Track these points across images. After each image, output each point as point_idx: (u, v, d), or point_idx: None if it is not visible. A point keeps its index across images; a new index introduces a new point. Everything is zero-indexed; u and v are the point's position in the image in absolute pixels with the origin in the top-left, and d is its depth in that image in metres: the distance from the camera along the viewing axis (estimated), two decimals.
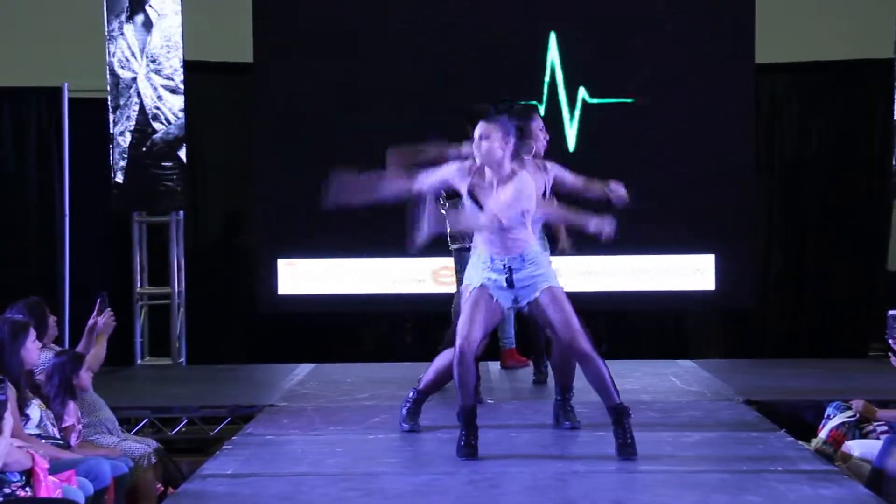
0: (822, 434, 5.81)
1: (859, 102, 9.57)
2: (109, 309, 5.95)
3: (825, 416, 5.95)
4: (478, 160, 5.28)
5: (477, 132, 5.26)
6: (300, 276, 9.14)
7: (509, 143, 5.26)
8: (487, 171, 5.29)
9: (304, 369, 8.32)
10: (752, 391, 7.07)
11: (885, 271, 9.51)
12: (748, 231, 9.09)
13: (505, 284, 5.28)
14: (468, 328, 5.25)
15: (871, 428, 5.71)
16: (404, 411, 5.93)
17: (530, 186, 5.27)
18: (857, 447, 5.52)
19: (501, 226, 5.20)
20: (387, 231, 8.87)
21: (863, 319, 9.44)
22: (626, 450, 5.20)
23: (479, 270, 5.34)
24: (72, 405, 5.45)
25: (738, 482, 4.78)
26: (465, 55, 8.88)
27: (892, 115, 8.80)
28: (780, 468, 5.02)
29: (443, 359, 5.80)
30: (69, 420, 5.39)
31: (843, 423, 5.76)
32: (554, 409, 5.97)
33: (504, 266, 5.27)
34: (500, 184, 5.25)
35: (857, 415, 5.76)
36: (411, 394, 5.95)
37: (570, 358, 5.62)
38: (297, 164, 9.01)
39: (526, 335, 7.54)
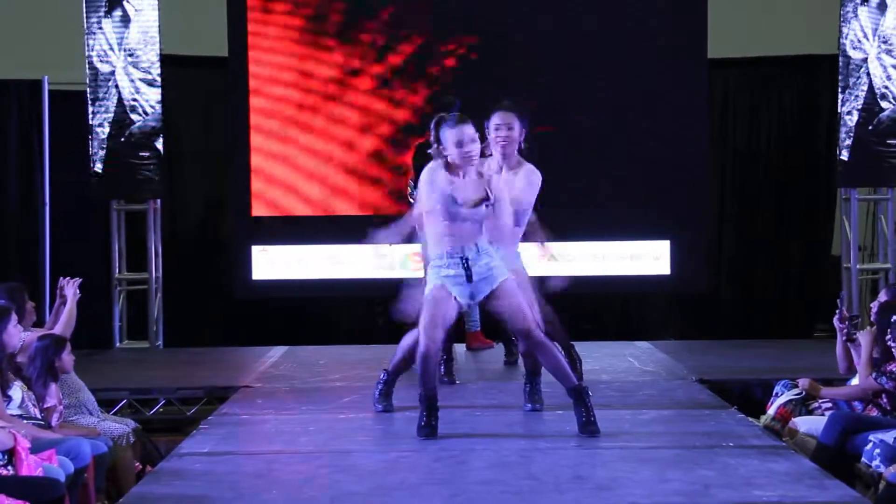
0: (771, 411, 5.86)
1: (807, 96, 9.65)
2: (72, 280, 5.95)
3: (773, 393, 6.00)
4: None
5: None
6: (274, 262, 9.11)
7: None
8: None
9: (277, 352, 8.30)
10: (705, 371, 7.11)
11: (830, 256, 9.60)
12: (702, 219, 9.14)
13: (464, 279, 5.21)
14: (432, 328, 5.19)
15: (816, 405, 5.76)
16: (377, 393, 5.92)
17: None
18: (803, 423, 5.57)
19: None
20: (356, 218, 8.92)
21: (809, 302, 9.53)
22: (589, 427, 5.20)
23: (436, 270, 5.26)
24: (53, 387, 5.41)
25: (692, 457, 4.81)
26: (437, 47, 8.87)
27: (837, 108, 8.87)
28: (731, 444, 5.06)
29: (408, 338, 5.79)
30: (50, 401, 5.35)
31: (791, 401, 5.81)
32: (523, 391, 5.96)
33: (462, 259, 5.20)
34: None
35: (804, 392, 5.81)
36: (382, 375, 5.94)
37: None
38: (271, 154, 9.00)
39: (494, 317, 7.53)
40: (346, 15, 8.95)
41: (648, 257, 9.07)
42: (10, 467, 4.52)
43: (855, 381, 5.73)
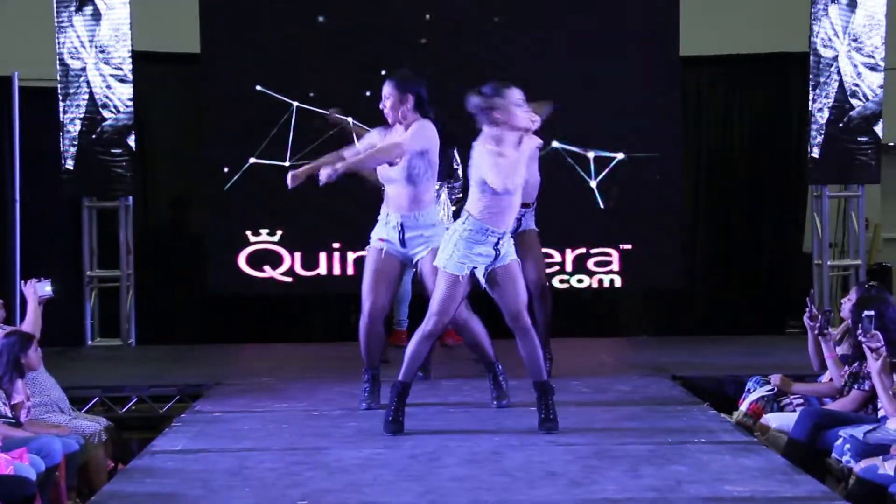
0: (743, 407, 5.90)
1: (778, 94, 9.71)
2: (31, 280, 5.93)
3: (745, 390, 6.04)
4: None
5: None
6: (247, 260, 9.06)
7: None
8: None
9: (251, 349, 8.27)
10: (678, 367, 7.15)
11: (802, 254, 9.66)
12: (676, 216, 9.18)
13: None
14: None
15: (787, 401, 5.80)
16: (364, 393, 5.89)
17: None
18: (774, 420, 5.61)
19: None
20: (334, 216, 8.91)
21: (781, 299, 9.58)
22: (547, 424, 5.22)
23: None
24: (19, 383, 5.38)
25: (664, 453, 4.83)
26: (410, 41, 8.86)
27: (808, 105, 8.93)
28: (703, 440, 5.09)
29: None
30: (17, 397, 5.33)
31: (762, 397, 5.84)
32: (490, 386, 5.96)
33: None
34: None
35: (775, 389, 5.85)
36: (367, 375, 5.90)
37: (474, 335, 5.69)
38: (244, 151, 8.96)
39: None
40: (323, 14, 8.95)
41: (622, 255, 9.08)
42: None
43: (826, 378, 5.78)
